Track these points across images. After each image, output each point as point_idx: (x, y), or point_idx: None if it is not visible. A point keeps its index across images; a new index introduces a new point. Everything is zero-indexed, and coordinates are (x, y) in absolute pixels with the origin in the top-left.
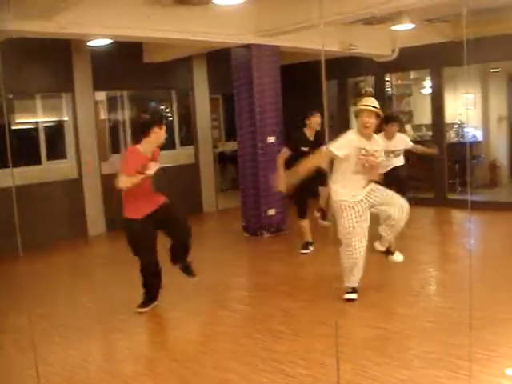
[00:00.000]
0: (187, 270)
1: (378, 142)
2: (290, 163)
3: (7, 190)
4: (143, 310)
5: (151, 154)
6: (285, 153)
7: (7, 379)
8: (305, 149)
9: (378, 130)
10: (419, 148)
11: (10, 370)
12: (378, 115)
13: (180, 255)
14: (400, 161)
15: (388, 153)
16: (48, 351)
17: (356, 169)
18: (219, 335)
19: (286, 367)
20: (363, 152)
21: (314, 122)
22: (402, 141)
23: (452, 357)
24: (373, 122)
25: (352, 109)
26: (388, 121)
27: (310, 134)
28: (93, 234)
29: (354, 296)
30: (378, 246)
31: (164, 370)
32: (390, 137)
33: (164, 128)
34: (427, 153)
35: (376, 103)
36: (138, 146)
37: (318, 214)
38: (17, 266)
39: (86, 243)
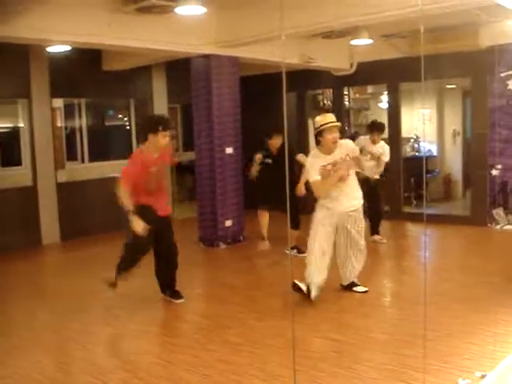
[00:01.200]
0: (176, 294)
1: (343, 146)
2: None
3: None
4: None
5: (157, 154)
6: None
7: None
8: (269, 160)
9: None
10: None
11: None
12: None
13: (170, 280)
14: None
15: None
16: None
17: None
18: (174, 347)
19: (242, 379)
20: (329, 168)
21: (274, 144)
22: (381, 147)
23: (407, 368)
24: (338, 136)
25: (310, 121)
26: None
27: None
28: (46, 243)
29: (303, 287)
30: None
31: (117, 380)
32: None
33: (163, 134)
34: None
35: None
36: (141, 147)
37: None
38: None
39: (40, 252)
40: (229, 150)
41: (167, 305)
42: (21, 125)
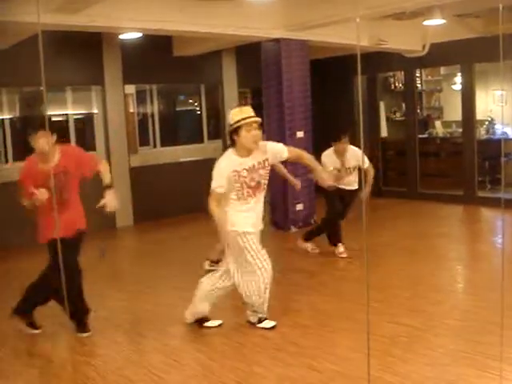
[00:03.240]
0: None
1: (262, 149)
2: None
3: None
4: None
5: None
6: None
7: None
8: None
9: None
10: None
11: None
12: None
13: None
14: (353, 182)
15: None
16: None
17: (244, 193)
18: (245, 328)
19: (313, 362)
20: (244, 174)
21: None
22: (355, 157)
23: (481, 355)
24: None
25: (382, 104)
26: (338, 137)
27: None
28: (120, 226)
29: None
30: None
31: (189, 360)
32: (341, 153)
33: (42, 135)
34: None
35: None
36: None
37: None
38: None
39: (114, 235)
40: (299, 134)
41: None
42: (95, 111)
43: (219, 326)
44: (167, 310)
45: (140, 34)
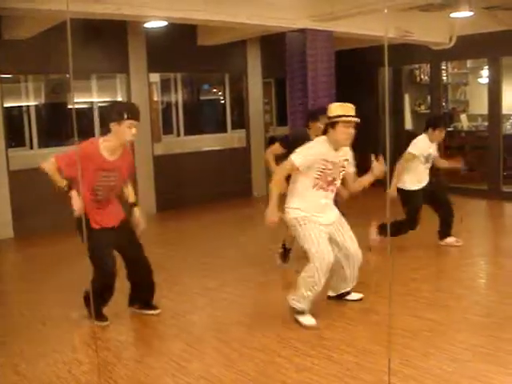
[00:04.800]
0: (149, 305)
1: (346, 150)
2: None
3: None
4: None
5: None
6: (275, 149)
7: None
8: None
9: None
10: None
11: None
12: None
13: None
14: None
15: None
16: None
17: (317, 184)
18: (269, 319)
19: (333, 353)
20: (329, 167)
21: (317, 128)
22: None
23: (502, 351)
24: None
25: (407, 96)
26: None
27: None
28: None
29: (312, 321)
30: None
31: (211, 349)
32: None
33: (130, 124)
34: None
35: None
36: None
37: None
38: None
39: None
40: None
41: (259, 277)
42: (119, 99)
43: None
44: (188, 299)
45: (165, 23)
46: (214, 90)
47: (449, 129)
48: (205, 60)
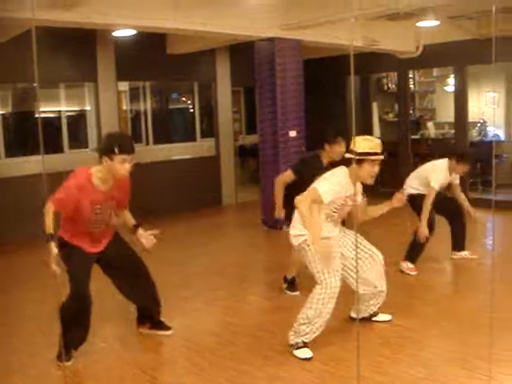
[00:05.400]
0: (160, 325)
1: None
2: (292, 191)
3: (27, 177)
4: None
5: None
6: (287, 176)
7: None
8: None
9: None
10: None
11: None
12: None
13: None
14: None
15: None
16: None
17: (331, 217)
18: (237, 327)
19: (304, 362)
20: (350, 202)
21: (336, 152)
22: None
23: (471, 356)
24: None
25: (374, 105)
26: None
27: (326, 161)
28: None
29: (308, 353)
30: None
31: (182, 359)
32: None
33: (122, 158)
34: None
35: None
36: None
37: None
38: None
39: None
40: (292, 134)
41: (226, 285)
42: (87, 108)
43: None
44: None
45: (134, 31)
46: (183, 99)
47: (416, 136)
48: (174, 68)
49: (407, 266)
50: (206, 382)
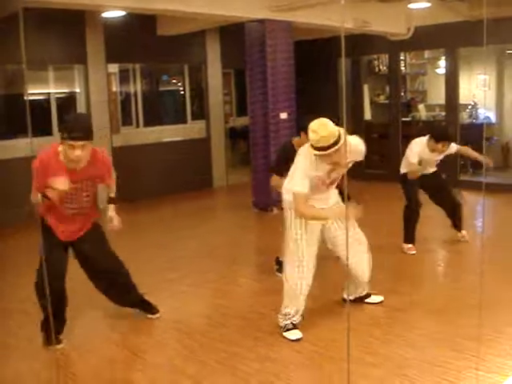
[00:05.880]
0: (146, 306)
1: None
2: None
3: (16, 160)
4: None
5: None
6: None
7: None
8: None
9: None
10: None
11: None
12: None
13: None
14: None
15: None
16: None
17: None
18: (227, 309)
19: (294, 343)
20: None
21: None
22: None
23: (460, 337)
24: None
25: (365, 87)
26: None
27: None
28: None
29: (297, 335)
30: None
31: (173, 341)
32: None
33: (69, 144)
34: None
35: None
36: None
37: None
38: None
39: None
40: (283, 115)
41: (218, 267)
42: (77, 90)
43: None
44: (149, 291)
45: (123, 13)
46: (174, 81)
47: (407, 119)
48: (164, 50)
49: (407, 247)
50: (196, 363)
